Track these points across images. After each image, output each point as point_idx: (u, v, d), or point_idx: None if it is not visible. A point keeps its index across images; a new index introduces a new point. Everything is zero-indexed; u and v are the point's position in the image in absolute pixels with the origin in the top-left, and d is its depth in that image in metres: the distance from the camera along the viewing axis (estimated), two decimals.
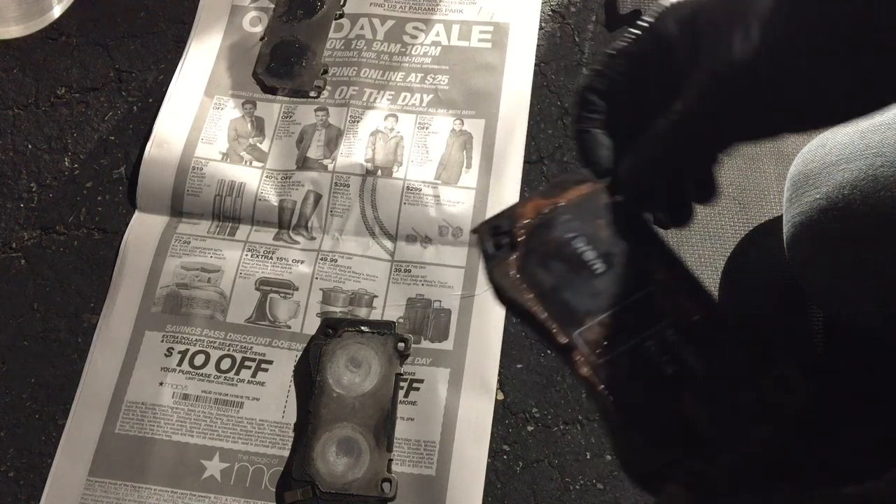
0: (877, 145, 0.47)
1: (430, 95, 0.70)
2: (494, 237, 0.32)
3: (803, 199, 0.51)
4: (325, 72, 0.71)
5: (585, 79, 0.34)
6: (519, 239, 0.32)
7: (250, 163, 0.68)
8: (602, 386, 0.28)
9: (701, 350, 0.28)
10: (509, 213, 0.32)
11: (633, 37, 0.32)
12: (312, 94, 0.70)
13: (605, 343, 0.29)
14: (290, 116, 0.70)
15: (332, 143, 0.68)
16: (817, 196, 0.49)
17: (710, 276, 0.61)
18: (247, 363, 0.60)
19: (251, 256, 0.64)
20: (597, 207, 0.33)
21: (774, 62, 0.27)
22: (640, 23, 0.32)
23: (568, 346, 0.29)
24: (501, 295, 0.31)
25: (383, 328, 0.60)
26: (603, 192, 0.33)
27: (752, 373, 0.28)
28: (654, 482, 0.26)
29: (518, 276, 0.31)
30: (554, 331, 0.29)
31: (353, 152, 0.67)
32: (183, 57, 0.73)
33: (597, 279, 0.31)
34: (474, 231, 0.33)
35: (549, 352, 0.60)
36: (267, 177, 0.67)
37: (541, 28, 0.73)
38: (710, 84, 0.28)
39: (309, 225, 0.65)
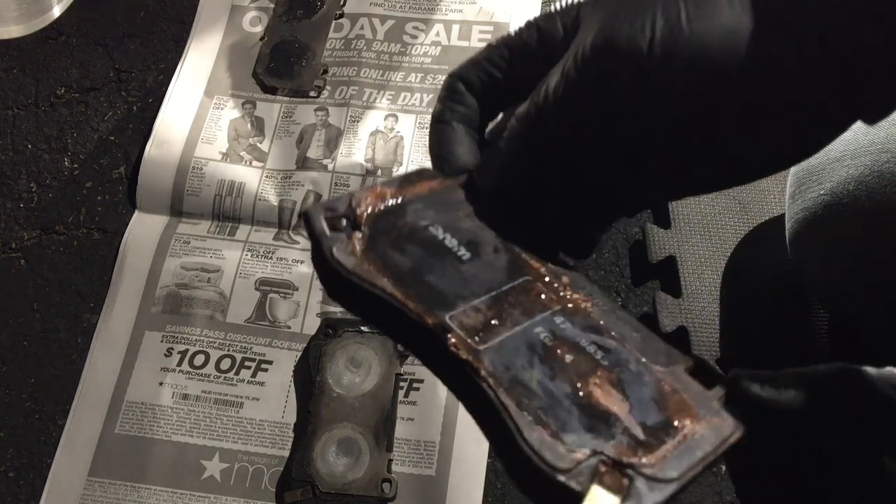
0: (882, 141, 0.46)
1: (431, 95, 0.70)
2: (329, 220, 0.26)
3: (807, 195, 0.50)
4: (325, 72, 0.71)
5: (458, 67, 0.29)
6: (361, 222, 0.26)
7: (250, 163, 0.68)
8: (487, 372, 0.22)
9: (600, 336, 0.24)
10: (346, 199, 0.26)
11: (519, 31, 0.28)
12: (312, 93, 0.70)
13: (484, 330, 0.23)
14: (290, 116, 0.70)
15: (331, 143, 0.68)
16: (821, 192, 0.49)
17: (711, 277, 0.61)
18: (247, 363, 0.60)
19: (251, 256, 0.64)
20: (453, 201, 0.28)
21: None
22: (528, 19, 0.28)
23: (440, 328, 0.23)
24: (341, 279, 0.25)
25: None
26: (457, 189, 0.28)
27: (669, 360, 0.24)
28: (576, 477, 0.20)
29: (365, 257, 0.25)
30: (421, 312, 0.23)
31: (353, 152, 0.67)
32: (183, 57, 0.73)
33: (464, 265, 0.26)
34: (303, 213, 0.27)
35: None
36: (267, 177, 0.67)
37: None
38: (575, 74, 0.24)
39: None
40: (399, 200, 0.27)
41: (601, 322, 0.25)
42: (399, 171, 0.66)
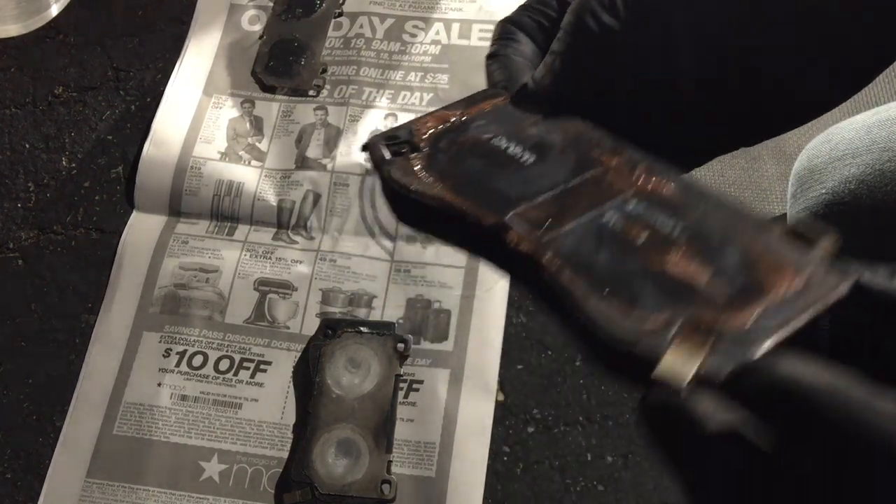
0: (884, 140, 0.46)
1: (430, 94, 0.69)
2: (390, 147, 0.26)
3: (808, 194, 0.50)
4: (325, 71, 0.71)
5: (509, 14, 0.29)
6: (422, 144, 0.26)
7: (249, 162, 0.67)
8: (551, 261, 0.21)
9: (678, 214, 0.23)
10: (407, 126, 0.27)
11: None
12: (311, 93, 0.70)
13: (548, 224, 0.22)
14: (289, 115, 0.69)
15: (331, 143, 0.68)
16: (822, 191, 0.49)
17: None
18: (245, 364, 0.60)
19: (250, 256, 0.64)
20: (518, 113, 0.27)
21: None
22: None
23: (498, 226, 0.23)
24: (408, 201, 0.25)
25: (383, 329, 0.59)
26: (521, 102, 0.28)
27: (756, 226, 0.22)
28: (648, 344, 0.18)
29: (425, 173, 0.25)
30: (479, 213, 0.23)
31: (353, 151, 0.67)
32: (181, 56, 0.72)
33: (528, 169, 0.25)
34: (364, 145, 0.27)
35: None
36: (266, 176, 0.67)
37: None
38: None
39: (308, 225, 0.65)
40: (462, 119, 0.27)
41: (681, 199, 0.23)
42: None
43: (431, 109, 0.29)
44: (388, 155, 0.26)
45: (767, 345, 0.18)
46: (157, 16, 0.75)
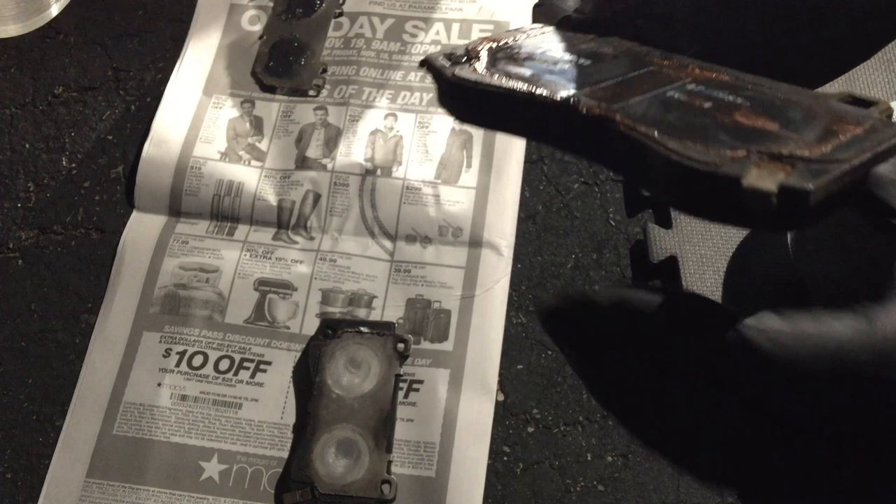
0: None
1: (430, 94, 0.69)
2: (449, 57, 0.27)
3: None
4: (325, 70, 0.71)
5: None
6: (479, 56, 0.27)
7: (249, 162, 0.67)
8: (622, 119, 0.22)
9: (737, 91, 0.23)
10: (462, 46, 0.28)
11: None
12: (311, 93, 0.70)
13: (614, 98, 0.23)
14: (289, 115, 0.69)
15: (331, 143, 0.68)
16: None
17: (711, 277, 0.61)
18: (245, 364, 0.60)
19: (250, 256, 0.64)
20: (566, 36, 0.28)
21: None
22: None
23: (567, 103, 0.23)
24: (466, 94, 0.25)
25: (383, 329, 0.59)
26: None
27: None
28: (732, 167, 0.19)
29: (487, 72, 0.26)
30: (548, 93, 0.23)
31: (353, 151, 0.67)
32: (181, 56, 0.72)
33: (585, 68, 0.26)
34: (422, 61, 0.28)
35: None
36: (266, 176, 0.66)
37: None
38: None
39: (308, 225, 0.65)
40: (515, 40, 0.28)
41: (737, 82, 0.24)
42: (398, 170, 0.66)
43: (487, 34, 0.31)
44: (447, 63, 0.27)
45: (841, 169, 0.19)
46: (157, 16, 0.75)
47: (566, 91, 0.24)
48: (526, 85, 0.24)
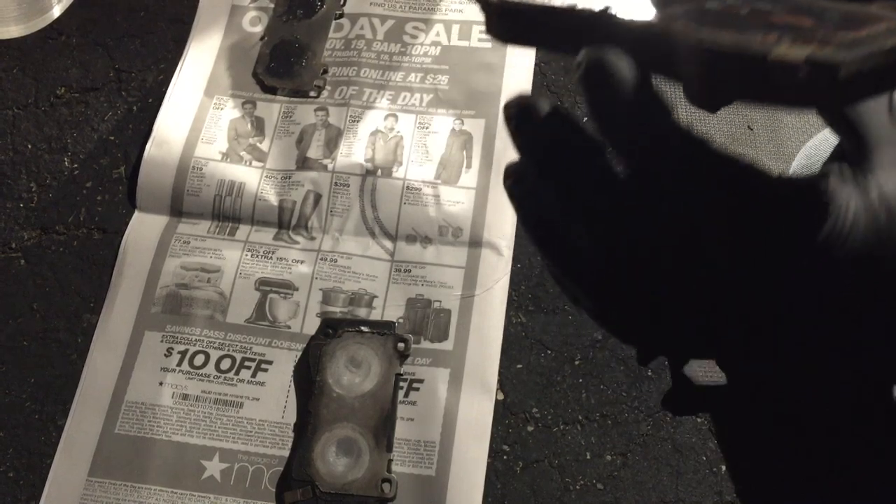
0: None
1: (430, 95, 0.70)
2: None
3: None
4: (325, 71, 0.71)
5: None
6: None
7: (250, 163, 0.68)
8: (663, 18, 0.23)
9: (774, 2, 0.24)
10: None
11: None
12: (312, 93, 0.70)
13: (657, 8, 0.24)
14: (290, 116, 0.70)
15: (331, 143, 0.68)
16: None
17: None
18: (246, 363, 0.60)
19: (251, 256, 0.64)
20: None
21: None
22: None
23: (603, 11, 0.24)
24: (512, 14, 0.27)
25: (383, 328, 0.60)
26: None
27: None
28: (764, 43, 0.20)
29: None
30: (585, 5, 0.25)
31: (353, 152, 0.67)
32: (183, 57, 0.73)
33: None
34: None
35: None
36: (267, 177, 0.67)
37: None
38: None
39: (309, 225, 0.65)
40: None
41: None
42: (399, 170, 0.66)
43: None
44: None
45: (877, 47, 0.19)
46: (158, 17, 0.76)
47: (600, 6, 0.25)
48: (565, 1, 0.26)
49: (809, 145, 0.54)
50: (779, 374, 0.28)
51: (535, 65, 0.71)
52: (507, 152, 0.67)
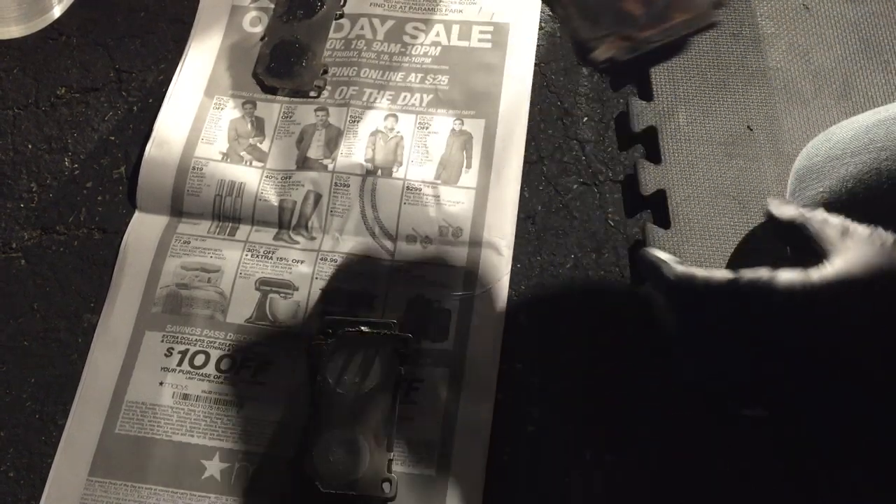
0: (882, 139, 0.47)
1: (430, 95, 0.70)
2: None
3: (806, 192, 0.51)
4: (325, 72, 0.71)
5: None
6: None
7: (250, 163, 0.68)
8: None
9: None
10: None
11: None
12: (312, 94, 0.70)
13: None
14: (290, 116, 0.70)
15: (332, 143, 0.68)
16: (820, 189, 0.50)
17: None
18: (247, 363, 0.61)
19: (251, 256, 0.64)
20: None
21: None
22: None
23: None
24: None
25: (383, 328, 0.60)
26: None
27: None
28: (594, 44, 0.43)
29: None
30: None
31: (353, 152, 0.67)
32: (183, 57, 0.73)
33: None
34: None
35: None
36: (267, 177, 0.67)
37: (541, 28, 0.73)
38: None
39: (309, 225, 0.65)
40: None
41: None
42: (399, 171, 0.66)
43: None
44: None
45: (651, 46, 0.37)
46: (159, 17, 0.76)
47: None
48: None
49: (811, 145, 0.54)
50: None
51: (535, 65, 0.71)
52: (506, 152, 0.67)
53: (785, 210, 0.43)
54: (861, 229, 0.39)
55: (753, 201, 0.64)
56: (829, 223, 0.40)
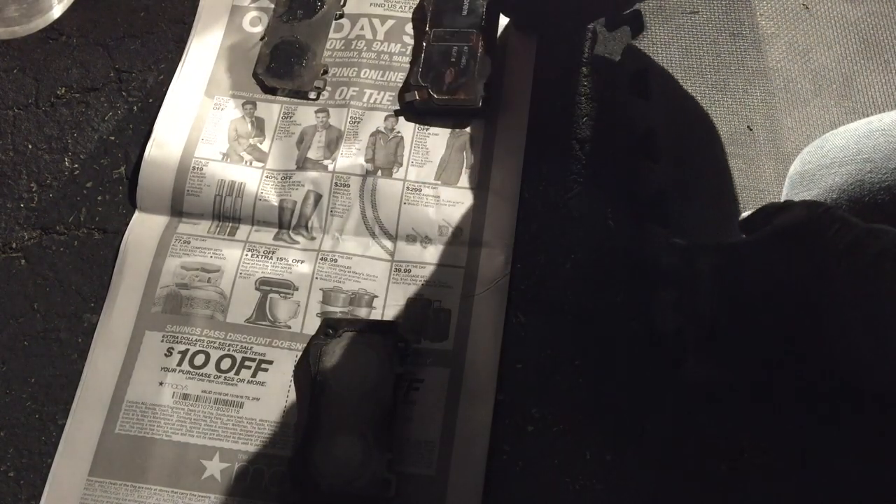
0: (869, 151, 0.47)
1: None
2: None
3: (796, 199, 0.51)
4: (326, 72, 0.71)
5: None
6: None
7: (250, 163, 0.68)
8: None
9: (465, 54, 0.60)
10: None
11: None
12: (312, 94, 0.70)
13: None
14: (291, 117, 0.70)
15: (332, 145, 0.68)
16: (808, 197, 0.50)
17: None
18: (247, 363, 0.61)
19: (251, 256, 0.64)
20: None
21: None
22: None
23: None
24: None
25: (383, 328, 0.60)
26: None
27: None
28: (413, 95, 0.56)
29: None
30: None
31: (354, 153, 0.67)
32: (183, 57, 0.73)
33: None
34: None
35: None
36: (267, 177, 0.67)
37: None
38: None
39: (309, 225, 0.65)
40: None
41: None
42: (399, 171, 0.66)
43: None
44: None
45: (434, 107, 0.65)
46: (159, 17, 0.76)
47: None
48: None
49: (806, 151, 0.55)
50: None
51: (535, 65, 0.71)
52: (506, 153, 0.67)
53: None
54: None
55: (753, 201, 0.64)
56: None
